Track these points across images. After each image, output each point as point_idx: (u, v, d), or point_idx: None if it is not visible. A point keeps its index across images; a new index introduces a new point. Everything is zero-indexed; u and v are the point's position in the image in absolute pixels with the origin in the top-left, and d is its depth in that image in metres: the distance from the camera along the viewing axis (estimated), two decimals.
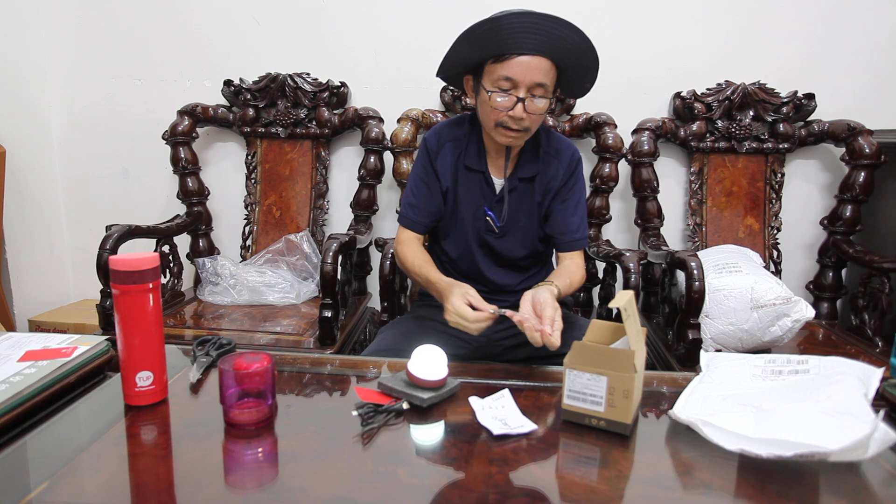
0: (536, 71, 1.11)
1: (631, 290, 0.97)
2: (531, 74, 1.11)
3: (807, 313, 1.42)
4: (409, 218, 1.32)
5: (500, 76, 1.12)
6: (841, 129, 1.80)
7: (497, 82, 1.13)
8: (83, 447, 0.72)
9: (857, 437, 0.64)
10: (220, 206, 2.13)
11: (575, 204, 1.31)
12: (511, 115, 1.14)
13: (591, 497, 0.65)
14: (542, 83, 1.13)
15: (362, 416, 0.79)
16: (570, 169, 1.30)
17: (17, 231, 2.07)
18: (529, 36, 1.09)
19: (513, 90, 1.13)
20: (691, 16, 1.92)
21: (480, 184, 1.29)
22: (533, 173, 1.28)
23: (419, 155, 1.32)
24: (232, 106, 2.06)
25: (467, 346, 1.32)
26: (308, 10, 2.01)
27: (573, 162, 1.30)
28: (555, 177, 1.29)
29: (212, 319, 1.67)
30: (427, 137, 1.31)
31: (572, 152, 1.31)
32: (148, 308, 0.80)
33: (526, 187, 1.29)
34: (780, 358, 0.89)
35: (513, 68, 1.11)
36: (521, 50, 1.10)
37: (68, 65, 2.11)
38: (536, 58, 1.11)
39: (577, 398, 0.79)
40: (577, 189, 1.31)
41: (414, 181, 1.32)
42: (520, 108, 1.13)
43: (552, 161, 1.29)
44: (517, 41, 1.09)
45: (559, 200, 1.30)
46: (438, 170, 1.29)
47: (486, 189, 1.29)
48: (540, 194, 1.29)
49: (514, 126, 1.16)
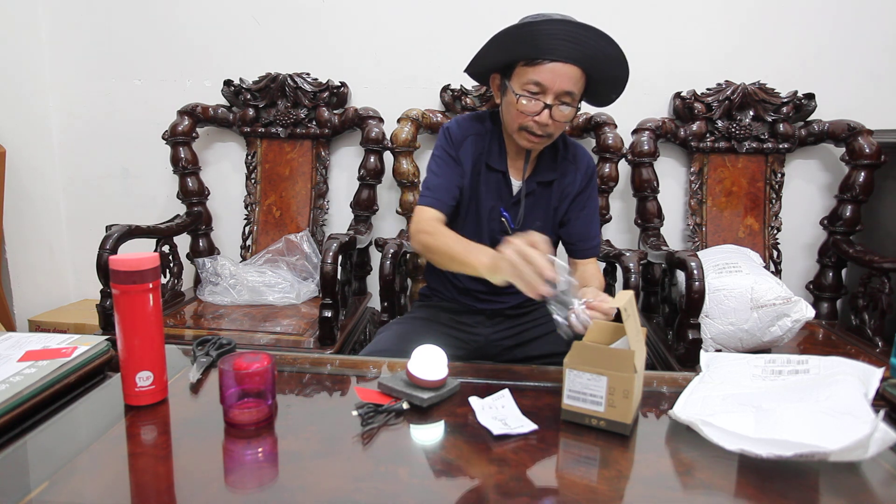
0: (567, 79, 1.10)
1: (631, 290, 0.97)
2: (561, 82, 1.10)
3: (807, 313, 1.42)
4: (431, 196, 1.22)
5: (529, 80, 1.11)
6: (841, 129, 1.80)
7: (526, 86, 1.12)
8: (83, 447, 0.72)
9: (857, 437, 0.64)
10: (220, 206, 2.13)
11: (592, 213, 1.31)
12: (536, 120, 1.13)
13: (591, 497, 0.65)
14: (571, 91, 1.12)
15: (362, 416, 0.79)
16: (586, 176, 1.29)
17: (17, 231, 2.07)
18: (565, 44, 1.07)
19: (541, 95, 1.11)
20: (691, 16, 1.92)
21: (499, 184, 1.27)
22: (551, 178, 1.27)
23: (440, 142, 1.27)
24: (232, 106, 2.06)
25: (467, 346, 1.33)
26: (308, 10, 2.01)
27: (590, 170, 1.30)
28: (572, 183, 1.28)
29: (212, 319, 1.67)
30: (449, 127, 1.27)
31: (589, 160, 1.31)
32: (148, 308, 0.80)
33: (543, 191, 1.28)
34: (780, 358, 0.89)
35: (543, 73, 1.10)
36: (554, 56, 1.09)
37: (68, 65, 2.11)
38: (568, 66, 1.10)
39: (577, 398, 0.79)
40: (594, 197, 1.32)
41: (436, 163, 1.25)
42: (546, 114, 1.12)
43: (570, 167, 1.28)
44: (552, 47, 1.08)
45: (578, 207, 1.30)
46: (462, 159, 1.25)
47: (504, 189, 1.27)
48: (557, 199, 1.29)
49: (538, 131, 1.14)
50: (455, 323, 1.34)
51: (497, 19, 1.20)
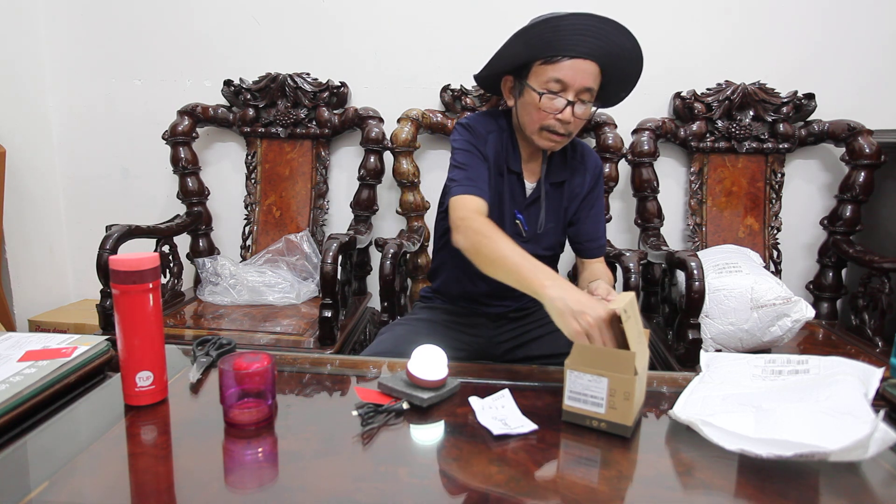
0: (587, 75, 1.10)
1: (632, 292, 0.97)
2: (582, 78, 1.09)
3: (807, 313, 1.42)
4: (470, 185, 1.13)
5: (549, 78, 1.10)
6: (841, 129, 1.80)
7: (546, 84, 1.10)
8: (83, 447, 0.72)
9: (857, 437, 0.64)
10: (220, 206, 2.13)
11: (600, 212, 1.32)
12: (560, 118, 1.12)
13: (592, 497, 0.65)
14: (591, 88, 1.11)
15: (362, 416, 0.79)
16: (594, 176, 1.30)
17: (17, 231, 2.07)
18: (586, 39, 1.07)
19: (562, 93, 1.10)
20: (691, 16, 1.92)
21: (513, 185, 1.25)
22: (562, 179, 1.27)
23: (463, 136, 1.20)
24: (232, 106, 2.06)
25: (469, 347, 1.32)
26: (308, 10, 2.01)
27: (597, 169, 1.31)
28: (581, 184, 1.28)
29: (212, 319, 1.67)
30: (470, 121, 1.22)
31: (596, 160, 1.31)
32: (148, 308, 0.80)
33: (555, 192, 1.28)
34: (780, 358, 0.89)
35: (564, 70, 1.09)
36: (574, 52, 1.08)
37: (68, 65, 2.11)
38: (587, 62, 1.09)
39: (577, 399, 0.79)
40: (601, 196, 1.33)
41: (463, 155, 1.18)
42: (569, 111, 1.11)
43: (579, 168, 1.28)
44: (573, 43, 1.07)
45: (587, 207, 1.30)
46: (487, 155, 1.20)
47: (518, 191, 1.26)
48: (567, 200, 1.29)
49: (560, 130, 1.13)
50: (457, 325, 1.34)
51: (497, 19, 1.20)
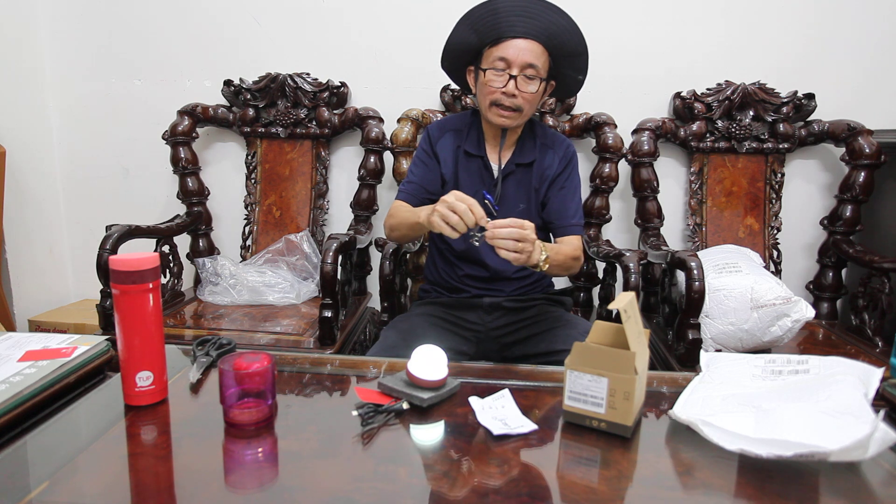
0: (528, 52, 1.24)
1: (632, 292, 0.97)
2: (523, 55, 1.24)
3: (807, 313, 1.42)
4: (403, 192, 1.40)
5: (495, 57, 1.26)
6: (841, 129, 1.80)
7: (493, 63, 1.26)
8: (83, 447, 0.72)
9: (857, 437, 0.64)
10: (220, 206, 2.13)
11: (571, 193, 1.39)
12: (504, 91, 1.25)
13: (591, 497, 0.65)
14: (534, 64, 1.25)
15: (362, 416, 0.79)
16: (565, 159, 1.39)
17: (17, 231, 2.07)
18: (522, 20, 1.23)
19: (506, 69, 1.25)
20: (691, 16, 1.92)
21: (479, 168, 1.38)
22: (530, 159, 1.37)
23: (420, 143, 1.43)
24: (232, 106, 2.05)
25: (468, 339, 1.37)
26: (308, 10, 2.01)
27: (568, 153, 1.40)
28: (550, 165, 1.38)
29: (212, 319, 1.67)
30: (429, 127, 1.43)
31: (567, 145, 1.41)
32: (148, 308, 0.80)
33: (524, 172, 1.37)
34: (780, 358, 0.89)
35: (507, 50, 1.24)
36: (514, 33, 1.24)
37: (68, 64, 2.11)
38: (528, 41, 1.24)
39: (577, 399, 0.79)
40: (573, 179, 1.40)
41: (413, 163, 1.42)
42: (512, 84, 1.25)
43: (548, 150, 1.39)
44: (511, 24, 1.23)
45: (556, 188, 1.38)
46: (439, 154, 1.39)
47: (485, 173, 1.38)
48: (537, 181, 1.37)
49: (506, 103, 1.26)
50: (455, 317, 1.38)
51: None
